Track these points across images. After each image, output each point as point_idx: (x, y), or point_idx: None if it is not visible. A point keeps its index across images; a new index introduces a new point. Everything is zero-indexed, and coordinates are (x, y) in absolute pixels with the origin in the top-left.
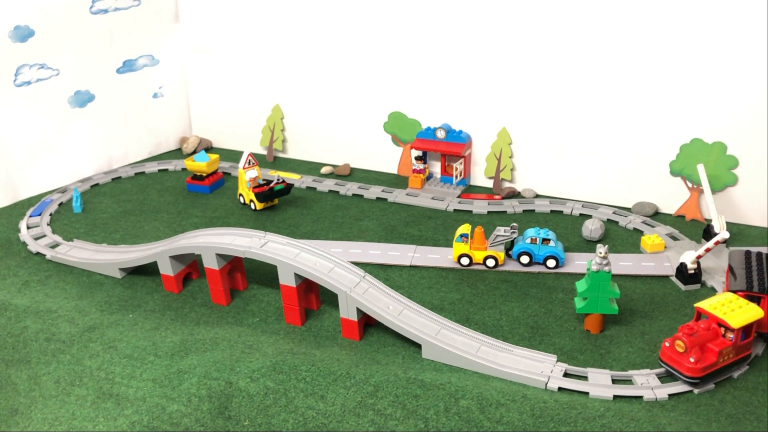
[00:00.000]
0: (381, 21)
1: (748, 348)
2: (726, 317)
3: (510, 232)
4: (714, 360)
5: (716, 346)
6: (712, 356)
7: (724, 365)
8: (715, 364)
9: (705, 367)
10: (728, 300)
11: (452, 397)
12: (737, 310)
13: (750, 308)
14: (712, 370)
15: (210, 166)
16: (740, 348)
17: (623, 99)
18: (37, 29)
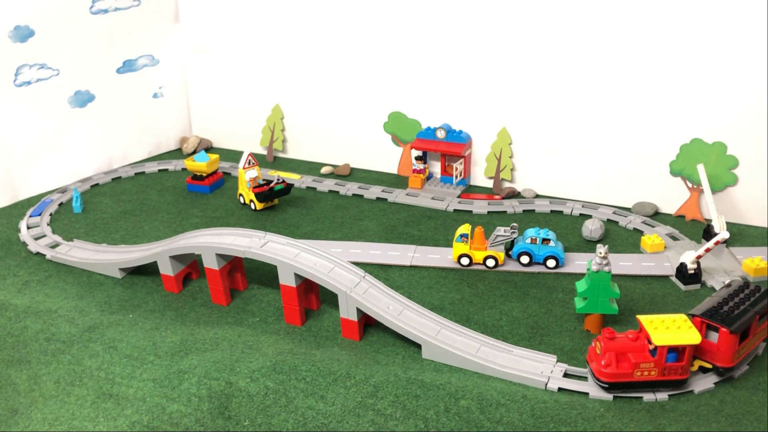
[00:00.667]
0: (381, 21)
1: (680, 372)
2: (653, 332)
3: (510, 232)
4: (629, 371)
5: (635, 357)
6: (628, 366)
7: (642, 380)
8: (630, 375)
9: (616, 375)
10: (674, 320)
11: (452, 397)
12: (672, 330)
13: (687, 333)
14: (625, 381)
15: (210, 166)
16: (667, 369)
17: (623, 99)
18: (37, 29)
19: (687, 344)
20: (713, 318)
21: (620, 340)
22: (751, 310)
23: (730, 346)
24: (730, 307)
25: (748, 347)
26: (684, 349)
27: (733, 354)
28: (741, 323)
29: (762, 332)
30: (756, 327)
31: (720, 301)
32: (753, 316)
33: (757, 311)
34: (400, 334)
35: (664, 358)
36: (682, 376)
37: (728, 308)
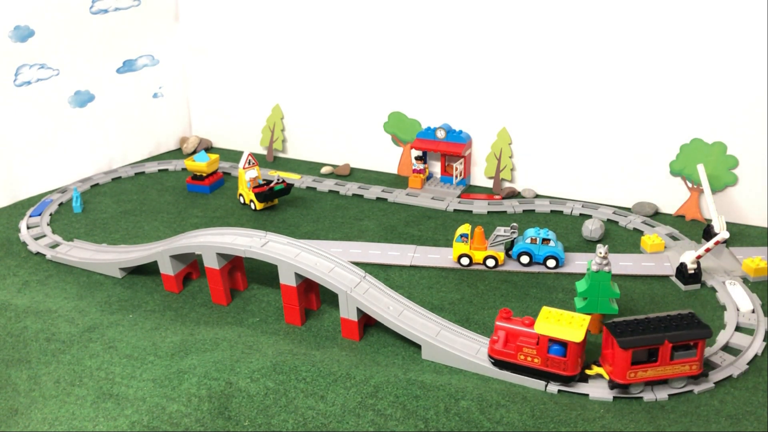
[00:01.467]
0: (381, 21)
1: (563, 368)
2: (540, 321)
3: (510, 232)
4: (513, 352)
5: (522, 342)
6: (513, 348)
7: (526, 365)
8: (514, 356)
9: (502, 353)
10: (573, 317)
11: (452, 397)
12: (561, 324)
13: (575, 330)
14: (509, 360)
15: (210, 166)
16: (550, 360)
17: (623, 99)
18: (37, 29)
19: (566, 340)
20: (617, 328)
21: (515, 321)
22: (662, 335)
23: (621, 361)
24: (648, 326)
25: (659, 374)
26: (565, 345)
27: (625, 370)
28: (635, 341)
29: (686, 366)
30: (669, 356)
31: (653, 319)
32: (661, 341)
33: (670, 339)
34: (400, 334)
35: (546, 348)
36: (566, 372)
37: (644, 326)
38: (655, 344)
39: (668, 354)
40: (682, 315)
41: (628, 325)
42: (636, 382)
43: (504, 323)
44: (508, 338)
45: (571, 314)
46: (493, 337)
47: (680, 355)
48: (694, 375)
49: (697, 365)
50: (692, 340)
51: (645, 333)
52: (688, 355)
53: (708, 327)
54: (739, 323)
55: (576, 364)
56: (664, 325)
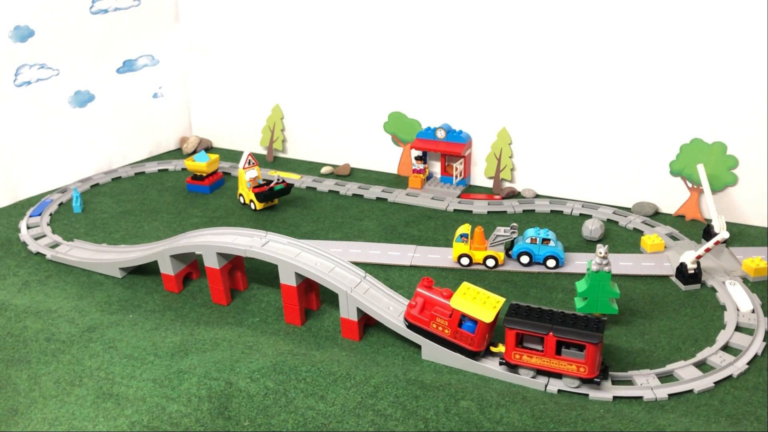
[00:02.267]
0: (381, 21)
1: (470, 343)
2: (457, 296)
3: (510, 232)
4: (427, 320)
5: (437, 312)
6: (427, 316)
7: (437, 333)
8: (427, 324)
9: (416, 318)
10: (489, 297)
11: (452, 398)
12: (475, 303)
13: (483, 310)
14: (422, 327)
15: (210, 166)
16: (459, 334)
17: (623, 99)
18: (37, 29)
19: (477, 319)
20: (515, 309)
21: (435, 291)
22: (548, 327)
23: (508, 339)
24: (543, 315)
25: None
26: (475, 323)
27: (510, 350)
28: (519, 324)
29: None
30: (554, 349)
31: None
32: (546, 332)
33: (555, 332)
34: (400, 334)
35: (457, 322)
36: (472, 347)
37: (539, 315)
38: (539, 333)
39: (553, 347)
40: (587, 318)
41: (527, 310)
42: (523, 366)
43: (424, 291)
44: (425, 305)
45: (488, 294)
46: (411, 302)
47: (568, 353)
48: (584, 378)
49: (586, 368)
50: (578, 340)
51: (534, 320)
52: (577, 355)
53: (599, 335)
54: (739, 323)
55: (482, 342)
56: (558, 320)
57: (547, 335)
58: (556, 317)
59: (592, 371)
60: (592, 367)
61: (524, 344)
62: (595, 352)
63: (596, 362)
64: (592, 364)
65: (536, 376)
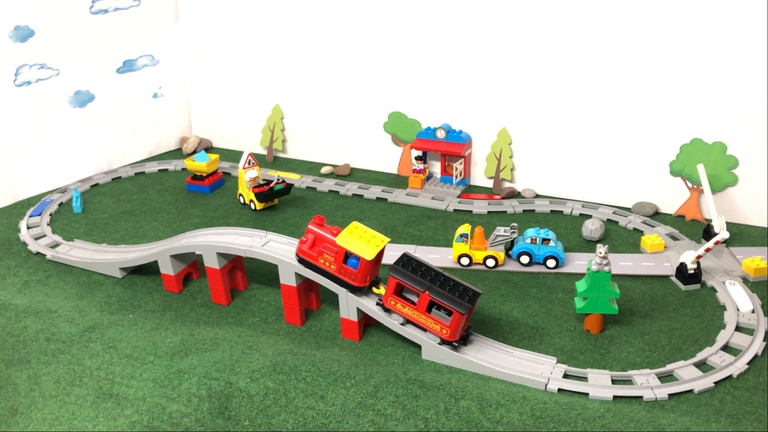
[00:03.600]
0: (381, 21)
1: (353, 278)
2: (344, 234)
3: (510, 232)
4: (315, 255)
5: (325, 248)
6: (316, 252)
7: (323, 268)
8: (315, 259)
9: (306, 253)
10: (375, 236)
11: (452, 397)
12: (361, 241)
13: (370, 248)
14: (311, 261)
15: (210, 166)
16: (344, 270)
17: (623, 99)
18: (37, 29)
19: (359, 255)
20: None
21: (325, 228)
22: (426, 285)
23: (389, 284)
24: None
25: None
26: (358, 260)
27: (388, 294)
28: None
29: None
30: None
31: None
32: (422, 289)
33: (430, 292)
34: (400, 334)
35: (342, 258)
36: (355, 282)
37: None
38: (416, 289)
39: (425, 305)
40: (465, 287)
41: (415, 264)
42: (395, 312)
43: (315, 228)
44: (315, 242)
45: (374, 234)
46: (303, 238)
47: (437, 314)
48: (446, 339)
49: (448, 331)
50: (448, 305)
51: (417, 275)
52: (444, 318)
53: (468, 306)
54: (739, 323)
55: (365, 278)
56: (438, 282)
57: (423, 293)
58: (437, 279)
59: (454, 335)
60: (454, 332)
61: (403, 294)
62: (460, 319)
63: (459, 328)
64: (454, 329)
65: (405, 324)
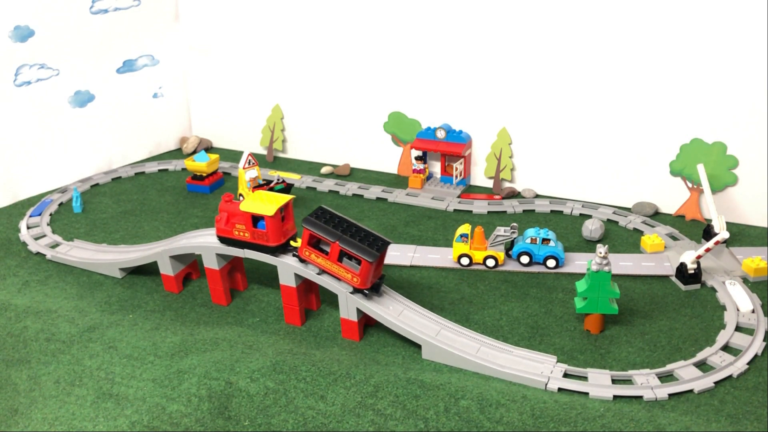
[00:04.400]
0: (381, 21)
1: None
2: (247, 200)
3: (510, 232)
4: (230, 229)
5: (237, 220)
6: (230, 226)
7: (240, 239)
8: (230, 232)
9: (223, 230)
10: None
11: (452, 397)
12: (263, 202)
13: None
14: (229, 237)
15: (210, 166)
16: (256, 233)
17: (623, 99)
18: (37, 29)
19: (262, 214)
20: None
21: (234, 204)
22: (337, 235)
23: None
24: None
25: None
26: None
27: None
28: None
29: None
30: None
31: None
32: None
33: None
34: (400, 334)
35: (250, 223)
36: (269, 242)
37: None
38: (327, 239)
39: (336, 255)
40: (375, 236)
41: (329, 216)
42: (310, 263)
43: (225, 206)
44: (228, 218)
45: (278, 196)
46: (217, 218)
47: (348, 263)
48: (357, 287)
49: (359, 279)
50: (356, 254)
51: (329, 227)
52: (354, 267)
53: (375, 254)
54: (739, 323)
55: (277, 236)
56: (349, 232)
57: (333, 243)
58: (349, 229)
59: (364, 283)
60: (364, 280)
61: (319, 245)
62: (368, 268)
63: (369, 276)
64: (364, 277)
65: (321, 274)
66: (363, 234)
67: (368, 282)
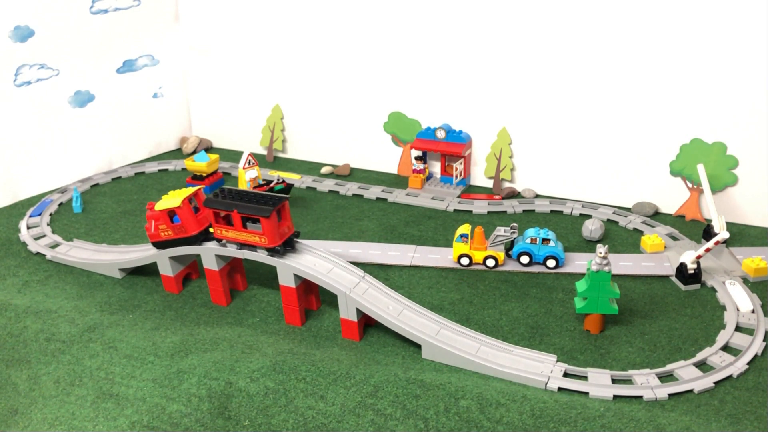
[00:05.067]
0: (381, 21)
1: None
2: (163, 200)
3: (510, 232)
4: (157, 231)
5: (158, 222)
6: (156, 229)
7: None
8: (159, 236)
9: (153, 236)
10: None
11: (452, 397)
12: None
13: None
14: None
15: (210, 166)
16: (175, 228)
17: (623, 99)
18: (37, 29)
19: (171, 208)
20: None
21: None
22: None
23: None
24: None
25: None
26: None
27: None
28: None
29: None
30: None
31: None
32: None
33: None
34: (400, 334)
35: (168, 220)
36: (187, 233)
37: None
38: (227, 211)
39: (239, 222)
40: (269, 197)
41: (228, 193)
42: (227, 239)
43: (149, 213)
44: (154, 224)
45: (188, 189)
46: (147, 226)
47: (252, 227)
48: (268, 247)
49: (265, 239)
50: (252, 215)
51: (225, 200)
52: (257, 228)
53: (269, 209)
54: (739, 323)
55: (191, 225)
56: (245, 200)
57: (232, 212)
58: (246, 197)
59: (272, 241)
60: (271, 238)
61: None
62: (269, 224)
63: (274, 233)
64: (269, 235)
65: (242, 248)
66: (258, 197)
67: (275, 239)
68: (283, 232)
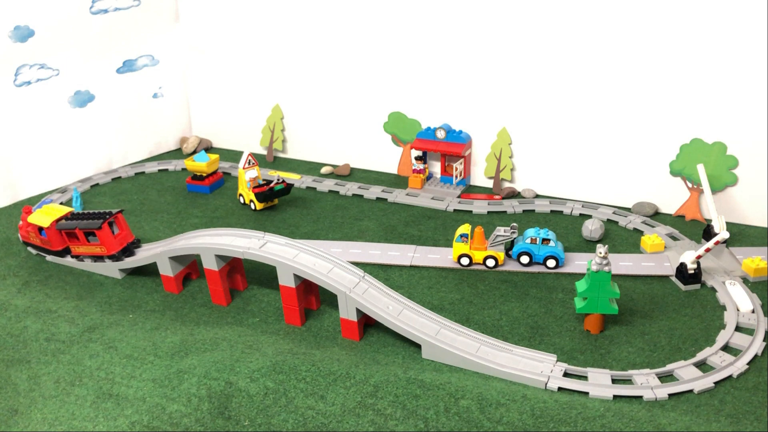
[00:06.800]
0: (381, 21)
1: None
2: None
3: (510, 232)
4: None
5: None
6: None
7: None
8: (28, 238)
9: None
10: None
11: (452, 397)
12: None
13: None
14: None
15: (210, 166)
16: (43, 240)
17: (623, 99)
18: (37, 29)
19: (38, 224)
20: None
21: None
22: (76, 223)
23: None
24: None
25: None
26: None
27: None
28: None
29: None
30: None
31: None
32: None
33: (79, 227)
34: (399, 334)
35: (37, 231)
36: (52, 247)
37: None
38: (71, 230)
39: (83, 237)
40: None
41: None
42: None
43: (23, 216)
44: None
45: (63, 209)
46: (20, 224)
47: (93, 240)
48: (108, 255)
49: (104, 248)
50: (88, 229)
51: (70, 221)
52: (96, 240)
53: (99, 222)
54: (739, 323)
55: (56, 241)
56: (84, 219)
57: (74, 230)
58: (85, 216)
59: (111, 249)
60: (108, 247)
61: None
62: (103, 235)
63: (111, 242)
64: (106, 244)
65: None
66: (95, 215)
67: (113, 247)
68: (121, 241)
